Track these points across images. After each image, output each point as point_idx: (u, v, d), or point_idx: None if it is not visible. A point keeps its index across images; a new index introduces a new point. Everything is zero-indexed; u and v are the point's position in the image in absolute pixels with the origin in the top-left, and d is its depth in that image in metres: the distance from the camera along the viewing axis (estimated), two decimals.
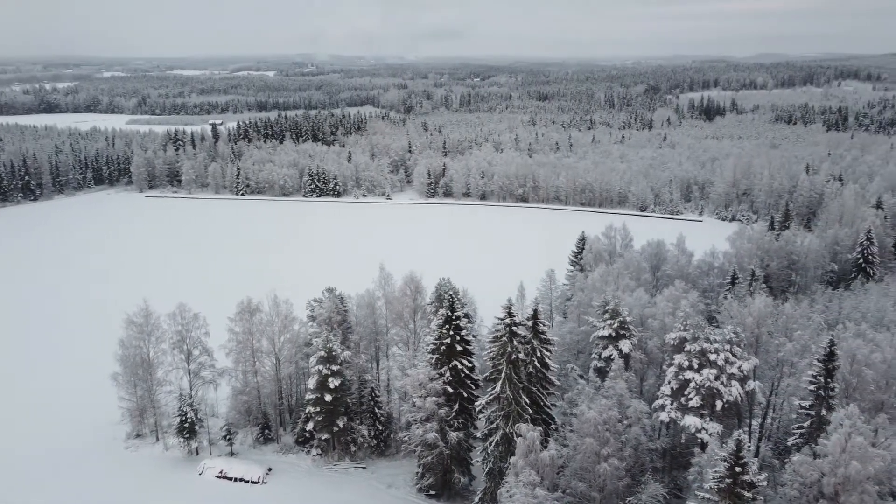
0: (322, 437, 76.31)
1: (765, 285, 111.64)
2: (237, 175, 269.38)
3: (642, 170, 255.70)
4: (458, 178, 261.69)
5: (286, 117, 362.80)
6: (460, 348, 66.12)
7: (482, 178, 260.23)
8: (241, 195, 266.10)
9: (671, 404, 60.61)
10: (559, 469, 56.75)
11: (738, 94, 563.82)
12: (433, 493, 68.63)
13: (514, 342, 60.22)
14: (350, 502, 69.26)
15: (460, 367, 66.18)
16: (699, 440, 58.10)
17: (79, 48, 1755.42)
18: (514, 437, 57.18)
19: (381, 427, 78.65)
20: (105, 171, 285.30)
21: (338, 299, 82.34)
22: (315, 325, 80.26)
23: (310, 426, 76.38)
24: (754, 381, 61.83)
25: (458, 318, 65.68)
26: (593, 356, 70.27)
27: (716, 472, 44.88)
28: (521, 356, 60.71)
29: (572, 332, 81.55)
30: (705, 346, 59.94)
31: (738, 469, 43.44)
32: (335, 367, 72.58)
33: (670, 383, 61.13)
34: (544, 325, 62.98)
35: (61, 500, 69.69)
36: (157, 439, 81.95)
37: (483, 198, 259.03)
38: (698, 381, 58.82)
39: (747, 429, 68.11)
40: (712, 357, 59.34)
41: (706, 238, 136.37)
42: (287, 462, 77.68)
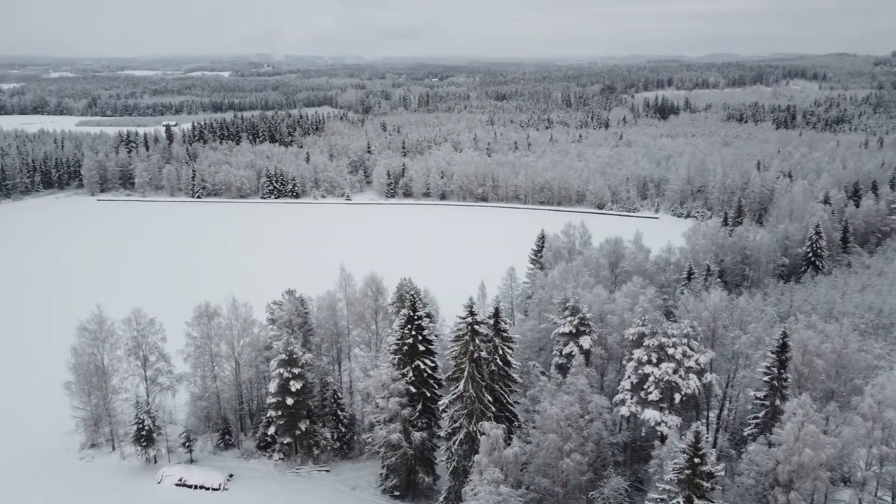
0: (284, 441, 75.42)
1: (720, 280, 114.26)
2: (193, 177, 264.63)
3: (599, 168, 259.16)
4: (417, 178, 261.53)
5: (242, 118, 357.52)
6: (422, 348, 66.05)
7: (442, 177, 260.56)
8: (197, 197, 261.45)
9: (631, 398, 61.54)
10: (523, 466, 57.13)
11: (692, 94, 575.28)
12: (398, 493, 68.42)
13: (476, 341, 60.40)
14: None
15: (423, 366, 66.12)
16: (659, 433, 59.08)
17: (24, 48, 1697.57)
18: (478, 436, 57.35)
19: (343, 429, 78.09)
20: (54, 174, 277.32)
21: (298, 301, 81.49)
22: (275, 327, 79.29)
23: (271, 430, 75.39)
24: (711, 373, 63.11)
25: (419, 318, 65.60)
26: (554, 353, 70.91)
27: (675, 463, 45.66)
28: (483, 354, 60.92)
29: (533, 329, 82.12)
30: (663, 340, 60.99)
31: (696, 460, 44.27)
32: (296, 370, 71.81)
33: (630, 378, 62.06)
34: (506, 324, 63.28)
35: None
36: (114, 448, 79.96)
37: (443, 197, 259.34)
38: (657, 375, 59.84)
39: (705, 420, 69.60)
40: (670, 351, 60.42)
41: (662, 234, 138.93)
42: (248, 467, 76.56)
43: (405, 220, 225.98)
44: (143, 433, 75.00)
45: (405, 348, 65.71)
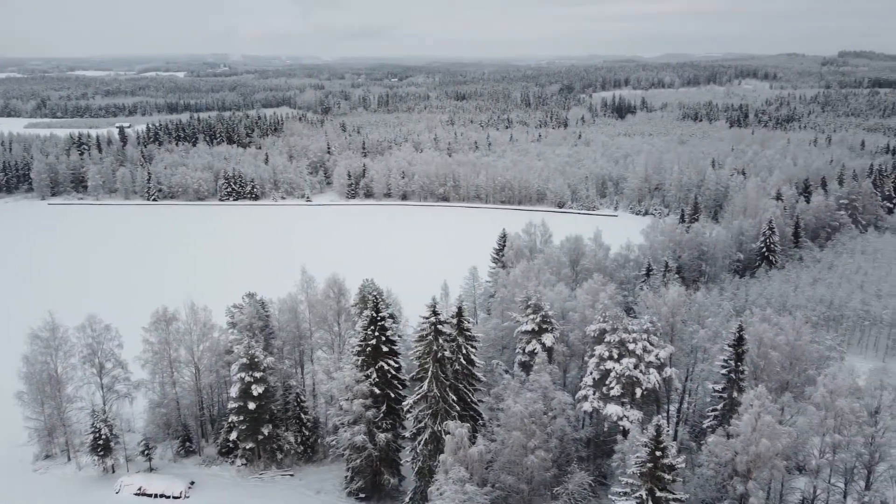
0: (246, 447, 74.36)
1: (677, 276, 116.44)
2: (148, 179, 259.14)
3: (559, 167, 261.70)
4: (378, 178, 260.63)
5: (199, 119, 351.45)
6: (386, 349, 65.80)
7: (403, 178, 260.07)
8: (153, 200, 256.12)
9: (593, 394, 62.27)
10: (488, 464, 57.37)
11: (648, 93, 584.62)
12: (363, 496, 68.04)
13: (440, 340, 60.43)
14: None
15: (387, 367, 65.88)
16: (621, 427, 59.94)
17: None
18: (443, 435, 57.40)
19: (307, 433, 77.34)
20: (2, 178, 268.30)
21: (259, 304, 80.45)
22: (236, 331, 78.12)
23: (233, 436, 74.28)
24: (671, 367, 64.30)
25: (383, 319, 65.35)
26: (517, 351, 71.35)
27: (637, 457, 46.37)
28: (446, 354, 60.99)
29: (496, 328, 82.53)
30: (624, 336, 61.88)
31: (658, 453, 45.01)
32: (258, 374, 70.89)
33: (592, 374, 62.80)
34: (469, 323, 63.46)
35: None
36: (69, 459, 77.81)
37: (404, 198, 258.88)
38: (618, 371, 60.67)
39: (665, 414, 70.82)
40: (631, 346, 61.33)
41: (622, 232, 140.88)
42: (210, 474, 75.28)
43: (366, 221, 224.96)
44: (100, 442, 73.14)
45: (368, 349, 65.39)
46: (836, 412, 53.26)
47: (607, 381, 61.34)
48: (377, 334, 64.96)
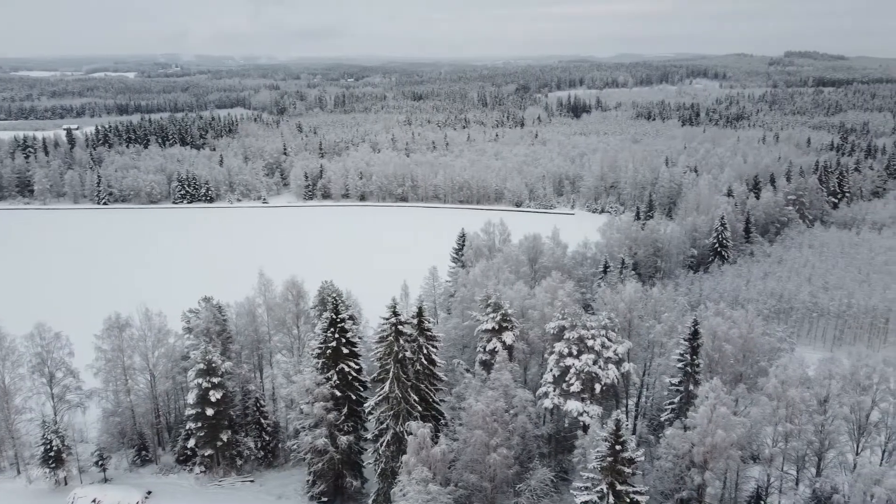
0: (205, 454, 73.04)
1: (634, 272, 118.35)
2: (98, 183, 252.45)
3: (516, 166, 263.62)
4: (336, 179, 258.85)
5: (150, 121, 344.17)
6: (347, 351, 65.38)
7: (361, 178, 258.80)
8: (104, 204, 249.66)
9: (554, 391, 62.86)
10: (451, 463, 57.46)
11: (602, 93, 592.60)
12: (325, 499, 67.42)
13: (401, 341, 60.30)
14: None
15: (347, 369, 65.44)
16: (581, 423, 60.64)
17: None
18: (405, 436, 57.29)
19: (267, 437, 76.36)
20: None
21: (215, 308, 79.08)
22: (192, 336, 76.65)
23: (191, 443, 72.89)
24: (629, 362, 65.28)
25: (343, 321, 64.90)
26: (478, 349, 71.59)
27: (598, 451, 47.00)
28: (407, 354, 60.89)
29: (457, 327, 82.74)
30: (583, 332, 62.61)
31: (617, 447, 45.70)
32: (216, 380, 69.69)
33: (552, 370, 63.39)
34: (429, 323, 63.47)
35: None
36: (19, 472, 75.26)
37: (362, 198, 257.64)
38: (578, 367, 61.37)
39: (624, 408, 71.96)
40: (590, 343, 62.09)
41: (579, 230, 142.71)
42: (168, 483, 73.70)
43: (325, 222, 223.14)
44: (52, 454, 70.94)
45: (329, 352, 64.86)
46: (787, 402, 54.80)
47: (567, 378, 61.99)
48: (337, 336, 64.48)
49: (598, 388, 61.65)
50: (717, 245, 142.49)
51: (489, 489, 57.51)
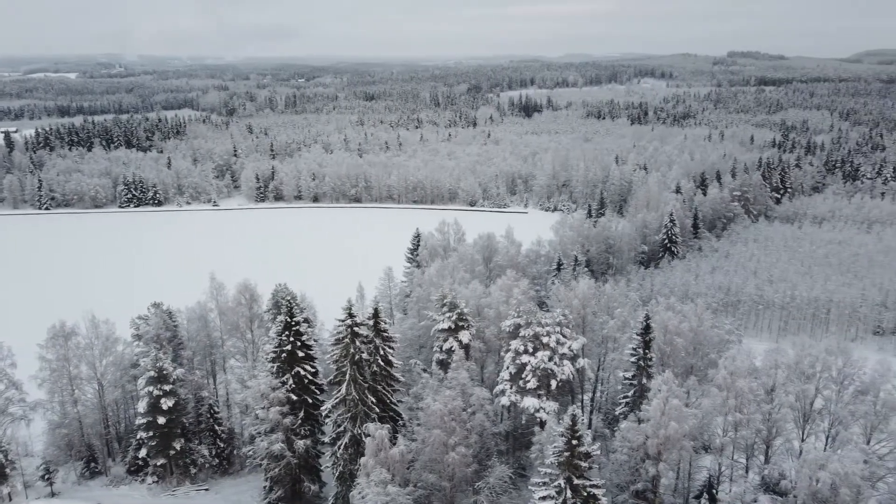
0: (157, 463, 71.32)
1: (587, 269, 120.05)
2: (39, 187, 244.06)
3: (470, 166, 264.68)
4: (288, 180, 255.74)
5: (94, 123, 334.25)
6: (302, 354, 64.64)
7: (313, 179, 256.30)
8: (46, 209, 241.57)
9: (511, 388, 63.30)
10: (409, 463, 57.34)
11: (553, 92, 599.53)
12: None
13: (357, 343, 59.90)
14: None
15: (303, 373, 64.71)
16: (538, 419, 61.20)
17: None
18: (363, 438, 56.94)
19: (222, 444, 74.97)
20: None
21: (166, 314, 77.32)
22: (142, 343, 74.77)
23: (143, 452, 71.06)
24: (584, 358, 66.14)
25: (297, 324, 64.14)
26: (435, 349, 71.63)
27: (555, 447, 47.45)
28: (364, 356, 60.53)
29: (413, 327, 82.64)
30: (538, 329, 63.19)
31: (574, 442, 46.22)
32: (167, 387, 68.11)
33: (508, 368, 63.82)
34: (385, 323, 63.20)
35: None
36: None
37: (316, 200, 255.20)
38: (534, 364, 61.92)
39: (580, 403, 72.92)
40: (545, 340, 62.70)
41: (532, 228, 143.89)
42: (119, 494, 71.67)
43: (277, 224, 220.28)
44: None
45: (284, 355, 64.05)
46: (736, 392, 56.28)
47: (523, 375, 62.49)
48: (292, 339, 63.72)
49: (553, 384, 62.31)
50: (667, 241, 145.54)
51: (448, 488, 57.61)
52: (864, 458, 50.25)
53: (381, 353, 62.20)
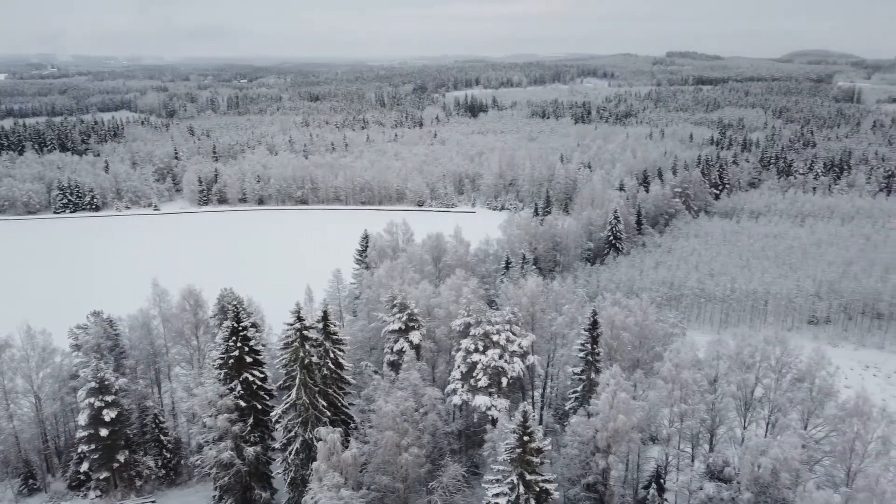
0: (101, 477, 69.03)
1: (534, 267, 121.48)
2: None
3: (417, 166, 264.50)
4: (232, 183, 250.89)
5: (25, 125, 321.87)
6: (250, 359, 63.53)
7: (258, 182, 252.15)
8: None
9: (462, 387, 63.59)
10: (362, 466, 57.00)
11: (498, 92, 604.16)
12: None
13: (306, 346, 59.23)
14: None
15: (252, 378, 63.61)
16: (490, 417, 61.65)
17: None
18: (314, 442, 56.36)
19: (169, 455, 73.07)
20: None
21: (106, 323, 74.95)
22: (81, 354, 72.25)
23: (85, 466, 68.67)
24: (533, 355, 66.94)
25: (245, 329, 63.01)
26: (386, 350, 71.41)
27: (507, 444, 47.88)
28: (314, 360, 59.90)
29: (363, 329, 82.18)
30: (488, 328, 63.65)
31: (526, 438, 46.73)
32: (109, 398, 66.00)
33: (460, 367, 64.11)
34: (335, 326, 62.72)
35: None
36: None
37: (261, 202, 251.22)
38: (484, 362, 62.34)
39: (531, 400, 73.72)
40: (495, 338, 63.20)
41: (480, 228, 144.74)
42: None
43: (222, 228, 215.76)
44: None
45: (231, 361, 62.83)
46: (681, 384, 57.77)
47: (474, 373, 62.84)
48: (240, 345, 62.58)
49: (504, 381, 62.84)
50: (612, 237, 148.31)
51: (402, 489, 57.50)
52: (801, 443, 52.25)
53: (332, 356, 61.68)
